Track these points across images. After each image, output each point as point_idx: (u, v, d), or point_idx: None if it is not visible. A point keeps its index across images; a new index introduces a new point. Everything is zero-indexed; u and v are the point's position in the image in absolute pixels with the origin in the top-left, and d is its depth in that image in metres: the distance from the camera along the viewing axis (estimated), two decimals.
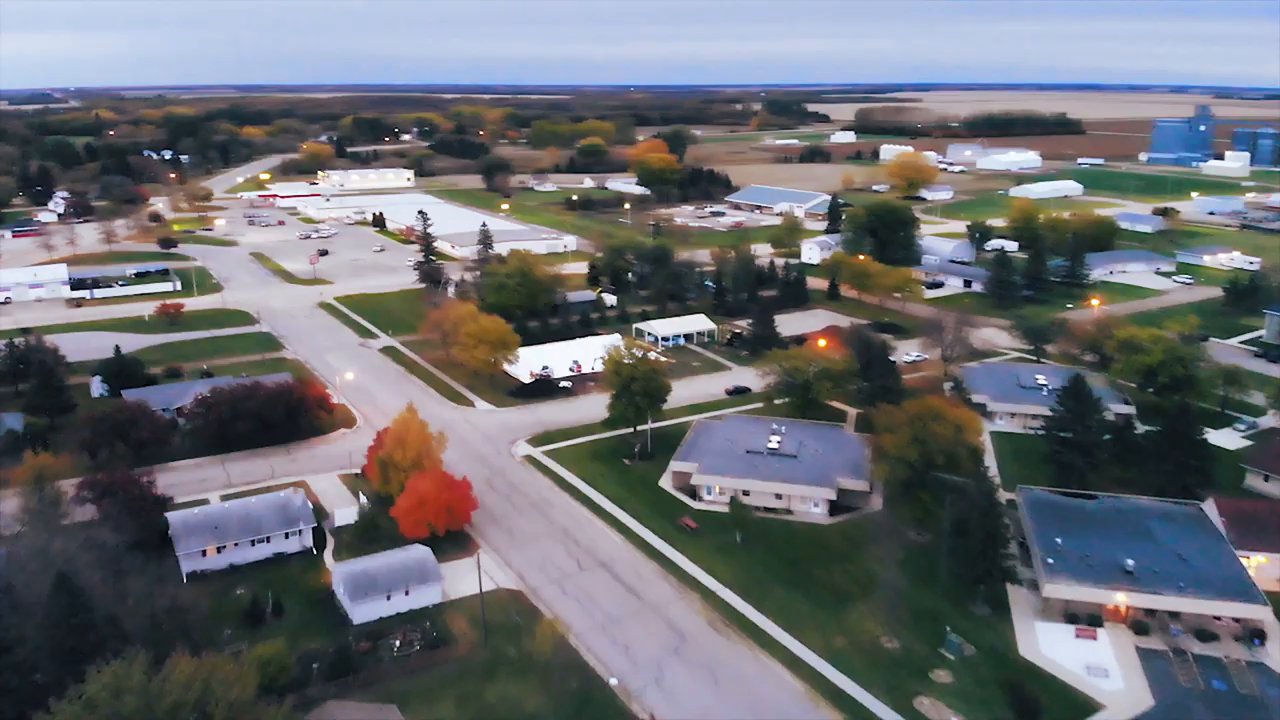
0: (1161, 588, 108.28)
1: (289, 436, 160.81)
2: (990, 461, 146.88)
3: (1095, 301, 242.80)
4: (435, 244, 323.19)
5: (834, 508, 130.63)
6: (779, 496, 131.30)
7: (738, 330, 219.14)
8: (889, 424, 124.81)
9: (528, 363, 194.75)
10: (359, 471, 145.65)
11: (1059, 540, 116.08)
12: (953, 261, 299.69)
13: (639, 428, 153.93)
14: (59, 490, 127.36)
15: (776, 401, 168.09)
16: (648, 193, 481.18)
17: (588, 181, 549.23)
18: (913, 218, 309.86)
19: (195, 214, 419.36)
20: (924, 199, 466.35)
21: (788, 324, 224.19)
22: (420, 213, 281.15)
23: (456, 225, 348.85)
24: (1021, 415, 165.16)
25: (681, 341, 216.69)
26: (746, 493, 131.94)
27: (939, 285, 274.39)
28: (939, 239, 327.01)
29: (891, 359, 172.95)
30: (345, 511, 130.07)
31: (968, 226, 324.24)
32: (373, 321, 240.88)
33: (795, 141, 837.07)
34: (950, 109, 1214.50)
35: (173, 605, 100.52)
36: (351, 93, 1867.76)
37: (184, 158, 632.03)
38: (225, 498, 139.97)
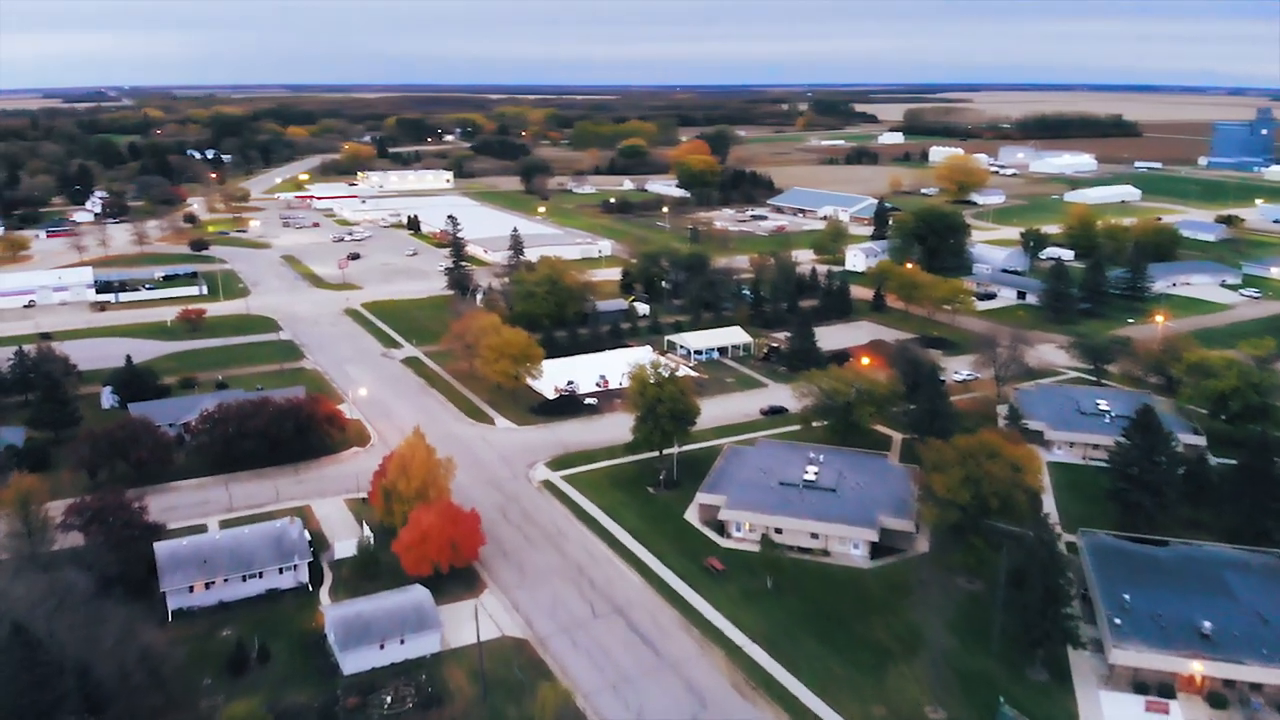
0: (1242, 655, 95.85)
1: (297, 455, 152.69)
2: (1047, 497, 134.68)
3: (1159, 318, 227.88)
4: (467, 248, 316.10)
5: (875, 549, 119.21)
6: (815, 536, 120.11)
7: (775, 344, 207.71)
8: (938, 461, 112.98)
9: (552, 377, 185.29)
10: (365, 496, 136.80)
11: (1126, 597, 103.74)
12: (1005, 271, 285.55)
13: (665, 451, 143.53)
14: (45, 515, 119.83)
15: (815, 424, 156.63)
16: (687, 195, 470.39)
17: (627, 183, 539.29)
18: (964, 224, 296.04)
19: (231, 215, 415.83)
20: (975, 203, 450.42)
21: (829, 337, 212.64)
22: (450, 217, 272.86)
23: (490, 229, 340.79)
24: (1082, 445, 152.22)
25: (715, 355, 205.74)
26: (779, 531, 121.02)
27: (991, 296, 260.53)
28: (991, 246, 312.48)
29: (940, 378, 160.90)
30: (345, 544, 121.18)
31: (1021, 234, 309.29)
32: (398, 330, 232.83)
33: (841, 142, 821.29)
34: (1001, 110, 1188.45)
35: (145, 653, 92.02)
36: (399, 93, 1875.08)
37: (225, 157, 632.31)
38: (224, 523, 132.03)
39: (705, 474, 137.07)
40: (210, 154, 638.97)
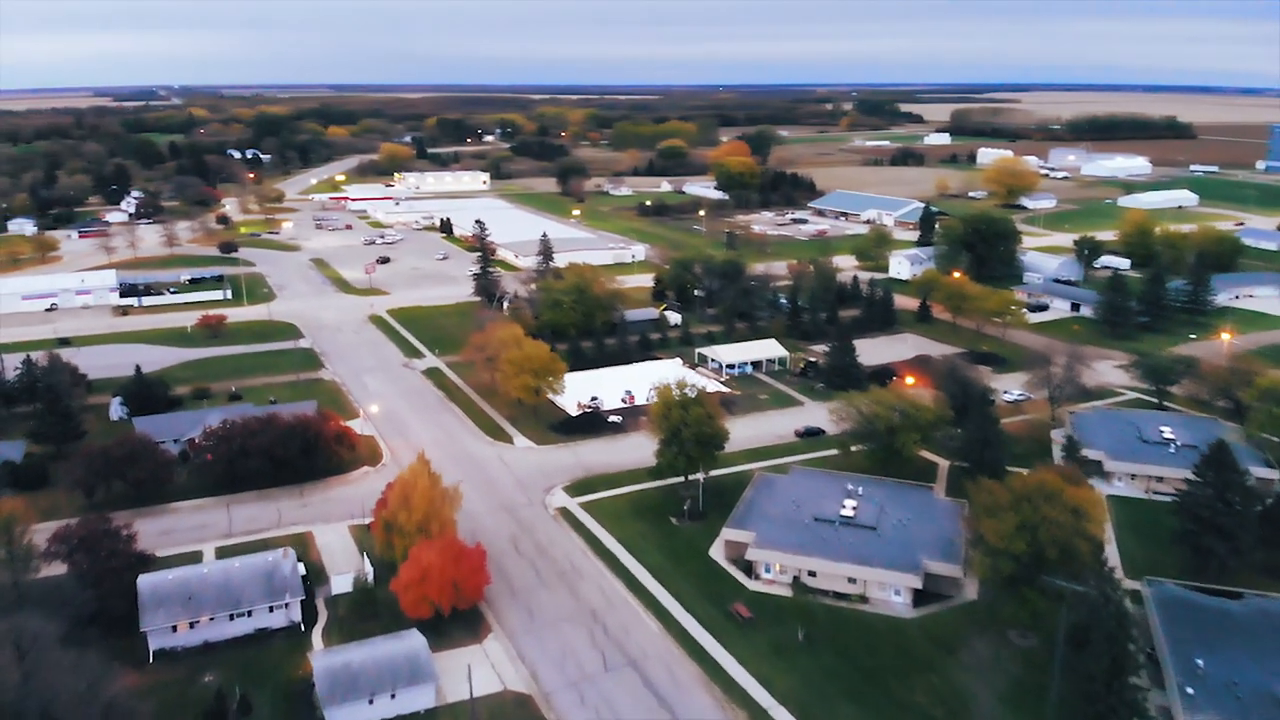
0: None
1: (304, 475, 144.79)
2: (1108, 537, 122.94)
3: (1225, 335, 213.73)
4: (496, 253, 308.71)
5: (919, 595, 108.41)
6: (852, 580, 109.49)
7: (812, 359, 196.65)
8: (991, 505, 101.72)
9: (576, 391, 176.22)
10: (370, 524, 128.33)
11: (1200, 662, 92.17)
12: (1058, 281, 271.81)
13: (691, 476, 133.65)
14: (29, 541, 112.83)
15: (854, 448, 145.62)
16: (725, 197, 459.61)
17: (665, 185, 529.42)
18: (1014, 231, 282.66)
19: (264, 216, 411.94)
20: (1025, 207, 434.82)
21: (871, 350, 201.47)
22: (477, 221, 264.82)
23: (523, 232, 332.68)
24: (1144, 477, 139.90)
25: (748, 370, 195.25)
26: (812, 574, 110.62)
27: (1043, 308, 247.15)
28: (1042, 254, 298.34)
29: (990, 398, 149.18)
30: (343, 578, 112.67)
31: (1075, 241, 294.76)
32: (422, 338, 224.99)
33: (886, 143, 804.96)
34: (1050, 110, 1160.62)
35: (111, 709, 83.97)
36: (443, 93, 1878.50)
37: (265, 157, 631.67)
38: (220, 550, 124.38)
39: (734, 503, 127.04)
40: (250, 154, 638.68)
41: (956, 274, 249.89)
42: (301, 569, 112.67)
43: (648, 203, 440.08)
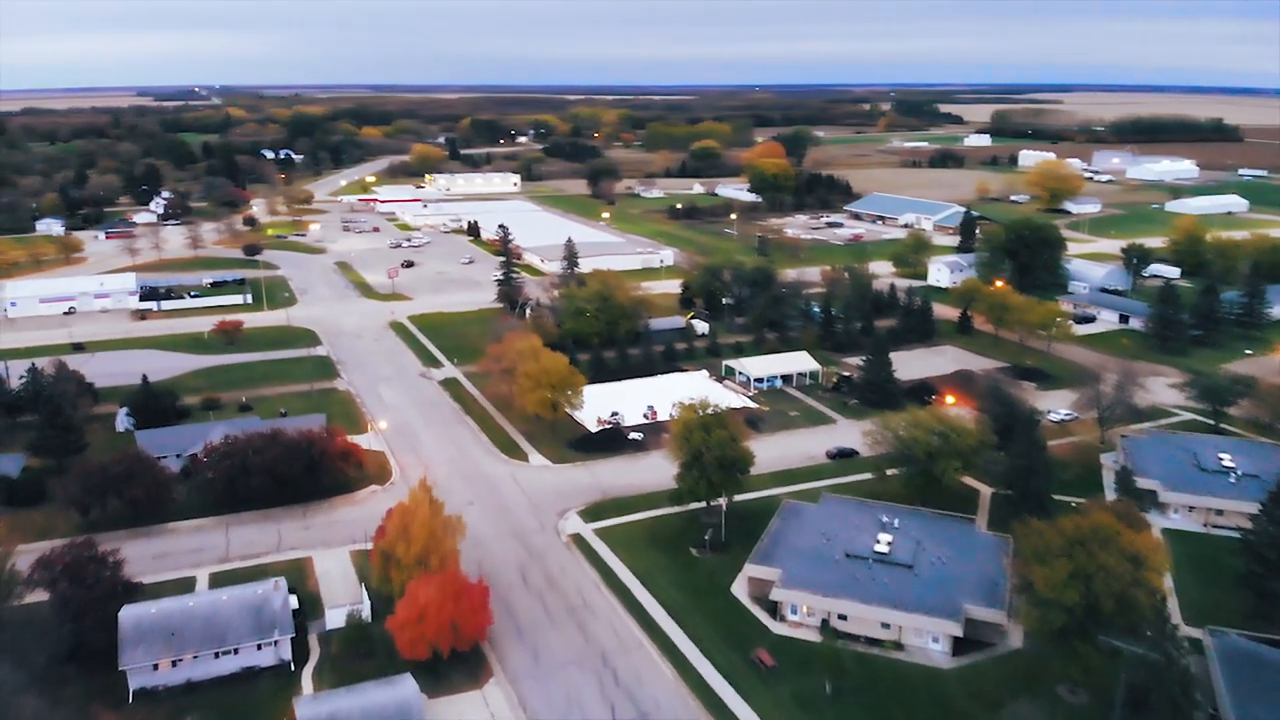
0: None
1: (308, 494, 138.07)
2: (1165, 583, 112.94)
3: None
4: (523, 257, 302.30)
5: (959, 643, 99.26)
6: (886, 625, 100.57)
7: (846, 374, 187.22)
8: (1040, 550, 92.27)
9: (596, 405, 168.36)
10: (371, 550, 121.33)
11: None
12: (1105, 290, 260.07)
13: (713, 502, 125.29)
14: (12, 568, 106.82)
15: (890, 472, 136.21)
16: (758, 200, 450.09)
17: (697, 187, 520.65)
18: (1060, 238, 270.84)
19: (291, 218, 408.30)
20: (1068, 212, 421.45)
21: (908, 363, 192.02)
22: (500, 226, 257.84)
23: (549, 236, 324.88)
24: (1202, 510, 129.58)
25: (778, 384, 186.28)
26: (843, 617, 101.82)
27: (1089, 319, 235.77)
28: (1088, 262, 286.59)
29: (1036, 420, 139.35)
30: (339, 612, 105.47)
31: (1123, 249, 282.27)
32: (441, 346, 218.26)
33: (925, 144, 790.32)
34: (1093, 111, 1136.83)
35: None
36: (479, 93, 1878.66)
37: (297, 158, 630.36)
38: (214, 576, 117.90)
39: (759, 532, 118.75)
40: (283, 154, 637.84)
41: (999, 283, 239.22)
42: (294, 602, 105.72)
43: (678, 205, 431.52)
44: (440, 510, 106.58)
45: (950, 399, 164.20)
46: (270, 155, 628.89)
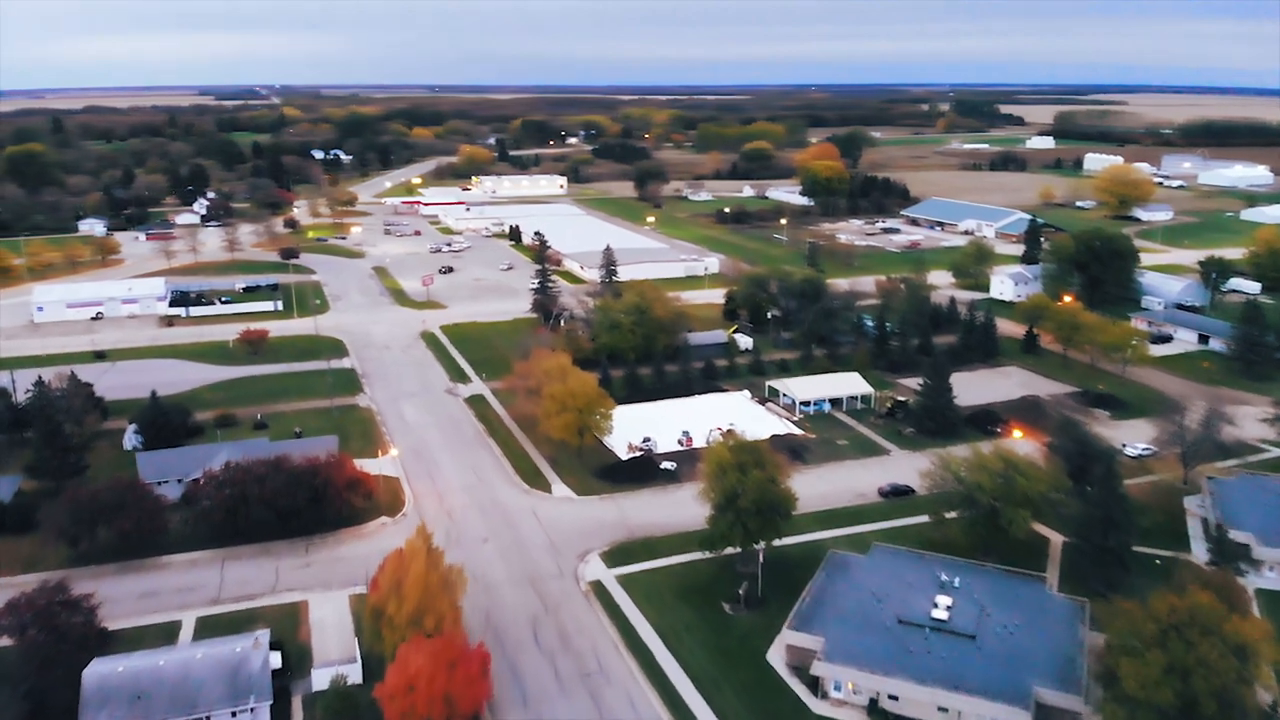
0: None
1: (312, 526, 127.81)
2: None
3: None
4: (563, 263, 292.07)
5: None
6: (944, 709, 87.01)
7: (901, 399, 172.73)
8: (1129, 638, 78.18)
9: (627, 429, 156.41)
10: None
11: None
12: (1181, 307, 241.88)
13: (751, 546, 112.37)
14: None
15: (949, 514, 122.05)
16: (810, 204, 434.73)
17: (747, 190, 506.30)
18: (1133, 250, 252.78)
19: (333, 220, 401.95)
20: (1138, 219, 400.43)
21: (969, 385, 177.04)
22: (537, 233, 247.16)
23: (592, 241, 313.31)
24: None
25: (826, 408, 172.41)
26: (894, 697, 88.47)
27: (1166, 339, 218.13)
28: (1163, 275, 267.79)
29: (1115, 459, 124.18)
30: (326, 672, 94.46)
31: (1200, 262, 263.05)
32: (471, 359, 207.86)
33: (985, 146, 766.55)
34: (1160, 114, 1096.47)
35: None
36: (534, 94, 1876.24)
37: (345, 158, 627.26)
38: (201, 622, 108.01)
39: (799, 584, 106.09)
40: (332, 155, 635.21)
41: (1067, 298, 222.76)
42: (276, 660, 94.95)
43: (726, 209, 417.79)
44: (439, 561, 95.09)
45: (1017, 433, 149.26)
46: (320, 156, 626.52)
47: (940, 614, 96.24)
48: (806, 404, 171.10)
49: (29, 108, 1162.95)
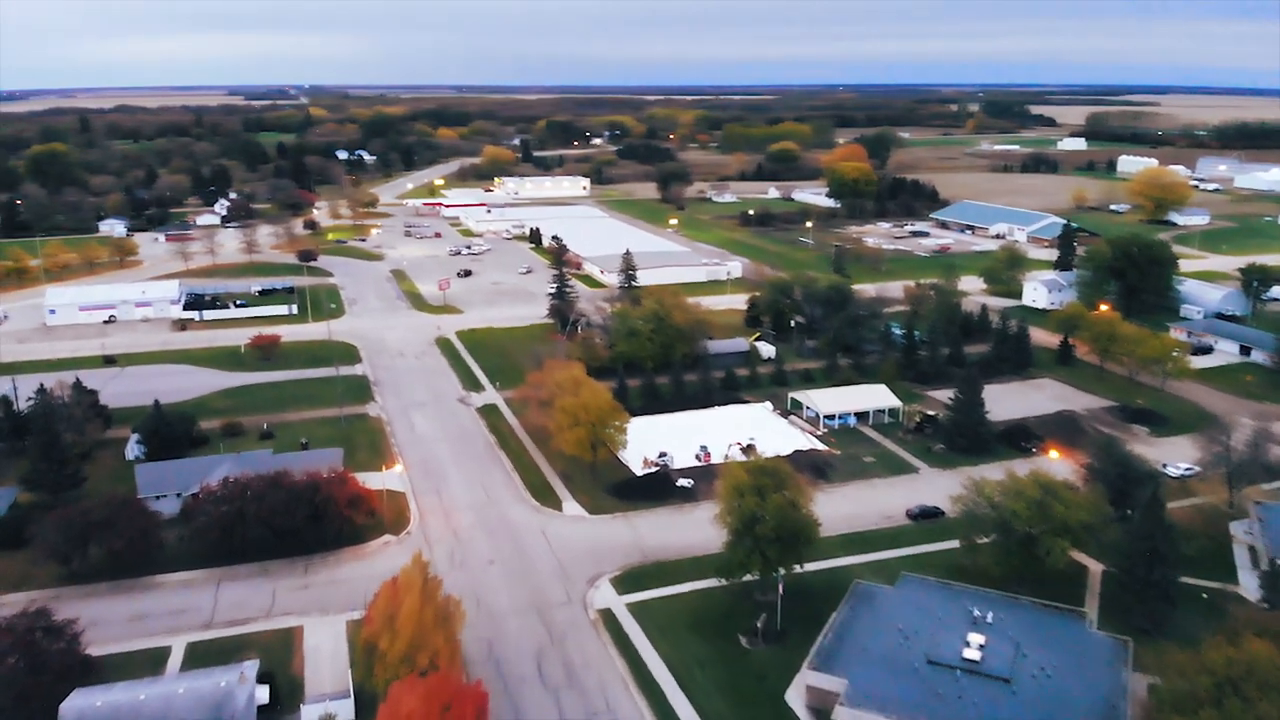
0: None
1: (312, 544, 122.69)
2: None
3: None
4: (583, 267, 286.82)
5: None
6: None
7: (931, 413, 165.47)
8: (1178, 695, 71.21)
9: (643, 442, 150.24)
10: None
11: None
12: (1222, 317, 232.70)
13: (771, 575, 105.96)
14: None
15: (980, 540, 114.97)
16: (837, 206, 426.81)
17: (773, 191, 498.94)
18: (1172, 257, 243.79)
19: (354, 222, 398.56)
20: (1174, 224, 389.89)
21: (1002, 399, 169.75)
22: (555, 237, 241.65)
23: (612, 244, 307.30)
24: None
25: (852, 422, 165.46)
26: None
27: (1206, 350, 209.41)
28: (1202, 283, 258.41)
29: (1160, 488, 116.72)
30: (315, 708, 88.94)
31: (1241, 270, 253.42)
32: (486, 366, 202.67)
33: (1016, 147, 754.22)
34: (1193, 115, 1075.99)
35: None
36: (559, 94, 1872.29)
37: (369, 159, 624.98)
38: (191, 648, 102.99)
39: (822, 616, 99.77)
40: (356, 155, 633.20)
41: (1103, 307, 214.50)
42: (263, 696, 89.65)
43: (750, 211, 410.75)
44: (435, 593, 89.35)
45: (1054, 453, 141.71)
46: (343, 156, 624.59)
47: (972, 654, 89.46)
48: (831, 417, 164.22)
49: (60, 106, 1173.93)
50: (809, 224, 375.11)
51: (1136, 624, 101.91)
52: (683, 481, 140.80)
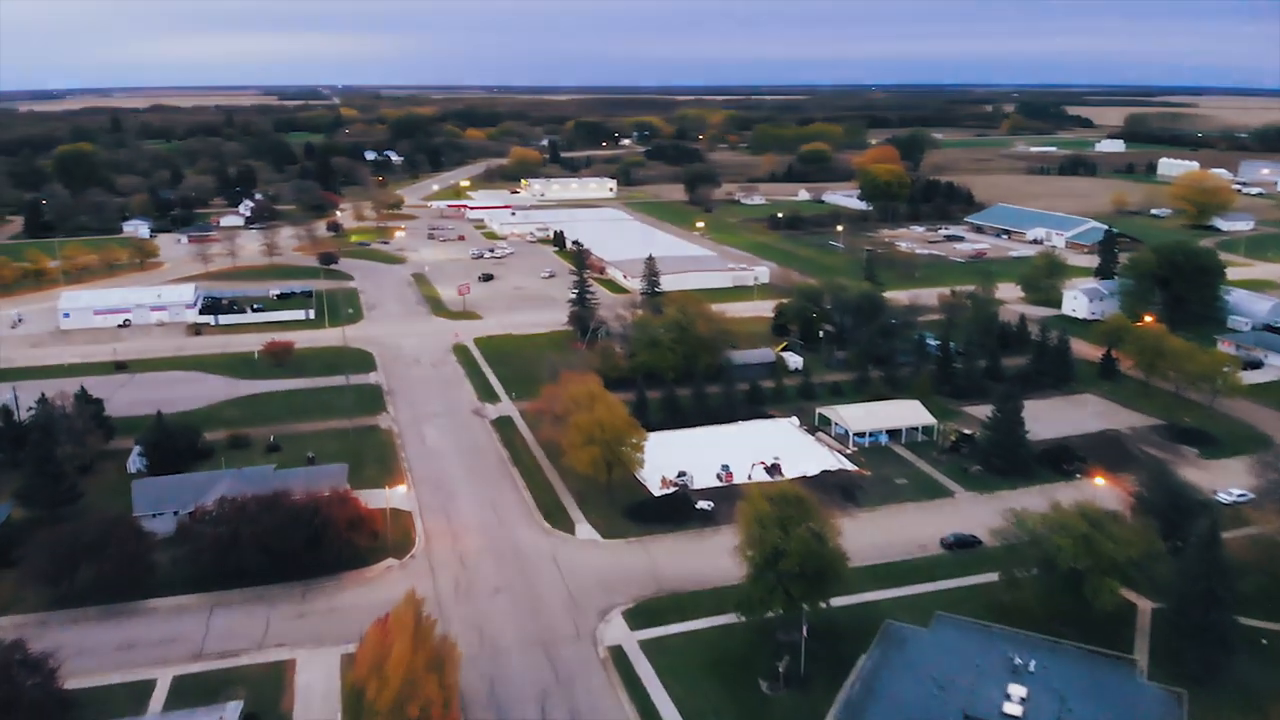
0: None
1: (312, 569, 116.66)
2: None
3: None
4: (606, 272, 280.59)
5: None
6: None
7: (967, 432, 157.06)
8: None
9: (662, 459, 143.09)
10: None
11: None
12: (1270, 328, 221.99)
13: (793, 611, 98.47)
14: None
15: (1019, 573, 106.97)
16: (869, 209, 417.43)
17: (803, 193, 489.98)
18: (1219, 265, 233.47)
19: (378, 224, 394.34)
20: (1218, 229, 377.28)
21: (1042, 415, 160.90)
22: (575, 242, 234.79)
23: (637, 248, 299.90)
24: None
25: (884, 440, 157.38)
26: None
27: (1256, 365, 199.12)
28: (1248, 293, 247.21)
29: (1217, 522, 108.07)
30: None
31: None
32: (503, 376, 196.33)
33: (1053, 149, 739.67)
34: (1234, 117, 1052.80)
35: None
36: (591, 94, 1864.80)
37: (396, 159, 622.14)
38: (178, 681, 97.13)
39: (850, 657, 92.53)
40: (383, 156, 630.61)
41: (1148, 318, 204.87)
42: None
43: (780, 214, 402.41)
44: (429, 635, 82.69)
45: (1099, 479, 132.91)
46: (371, 157, 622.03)
47: (1013, 708, 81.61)
48: (861, 435, 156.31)
49: (95, 106, 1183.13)
50: (840, 227, 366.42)
51: (1190, 671, 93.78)
52: (702, 504, 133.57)
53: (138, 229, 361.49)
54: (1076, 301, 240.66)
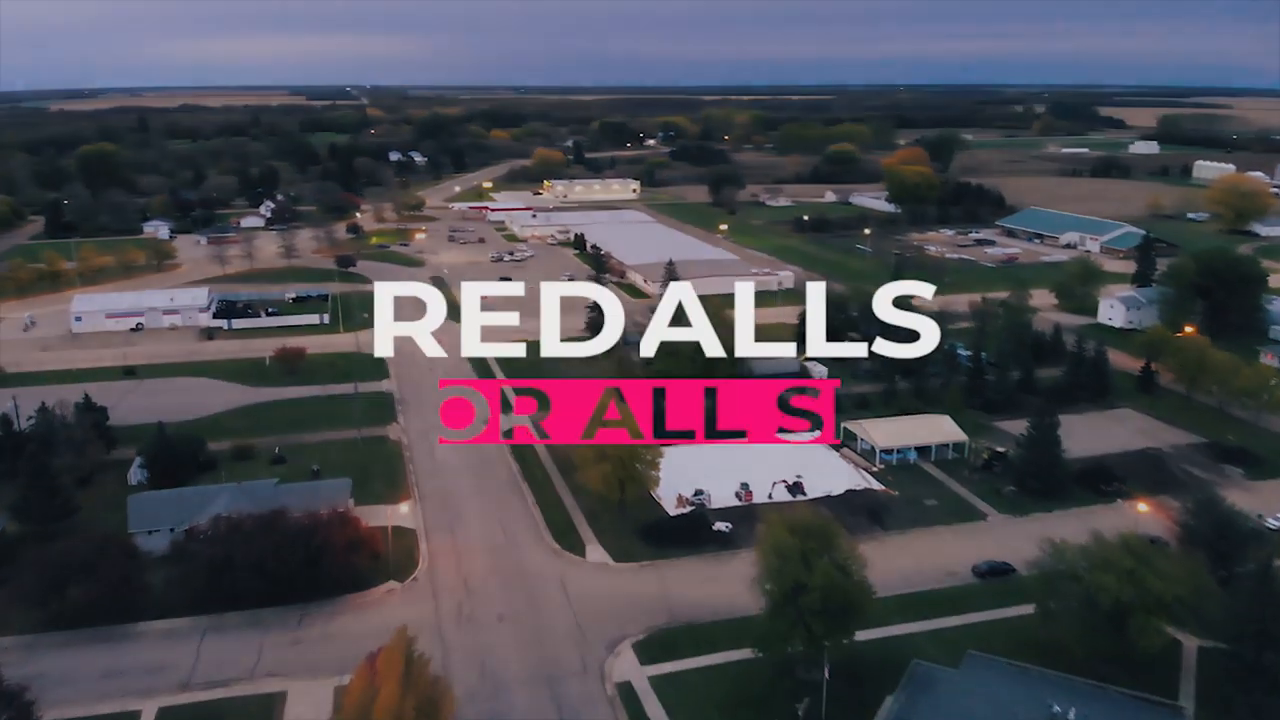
0: None
1: (309, 592, 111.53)
2: None
3: None
4: (626, 275, 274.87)
5: None
6: None
7: (1000, 449, 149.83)
8: None
9: (677, 475, 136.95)
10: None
11: None
12: None
13: (814, 647, 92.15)
14: None
15: (1055, 605, 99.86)
16: (897, 211, 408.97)
17: (829, 195, 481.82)
18: (1263, 274, 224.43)
19: (399, 226, 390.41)
20: (1257, 234, 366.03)
21: (1078, 432, 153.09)
22: (593, 246, 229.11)
23: (658, 251, 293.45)
24: None
25: (912, 457, 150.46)
26: None
27: None
28: None
29: (1271, 554, 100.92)
30: None
31: None
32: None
33: (1085, 151, 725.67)
34: (1270, 118, 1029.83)
35: None
36: (617, 95, 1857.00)
37: (419, 160, 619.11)
38: (162, 713, 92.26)
39: (873, 698, 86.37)
40: (407, 156, 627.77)
41: (1189, 329, 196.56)
42: None
43: (805, 217, 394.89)
44: (421, 676, 77.02)
45: (1142, 505, 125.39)
46: (395, 158, 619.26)
47: None
48: (889, 452, 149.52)
49: (124, 105, 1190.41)
50: (867, 231, 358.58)
51: (1240, 718, 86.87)
52: (720, 525, 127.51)
53: (158, 230, 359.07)
54: (1113, 310, 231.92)
